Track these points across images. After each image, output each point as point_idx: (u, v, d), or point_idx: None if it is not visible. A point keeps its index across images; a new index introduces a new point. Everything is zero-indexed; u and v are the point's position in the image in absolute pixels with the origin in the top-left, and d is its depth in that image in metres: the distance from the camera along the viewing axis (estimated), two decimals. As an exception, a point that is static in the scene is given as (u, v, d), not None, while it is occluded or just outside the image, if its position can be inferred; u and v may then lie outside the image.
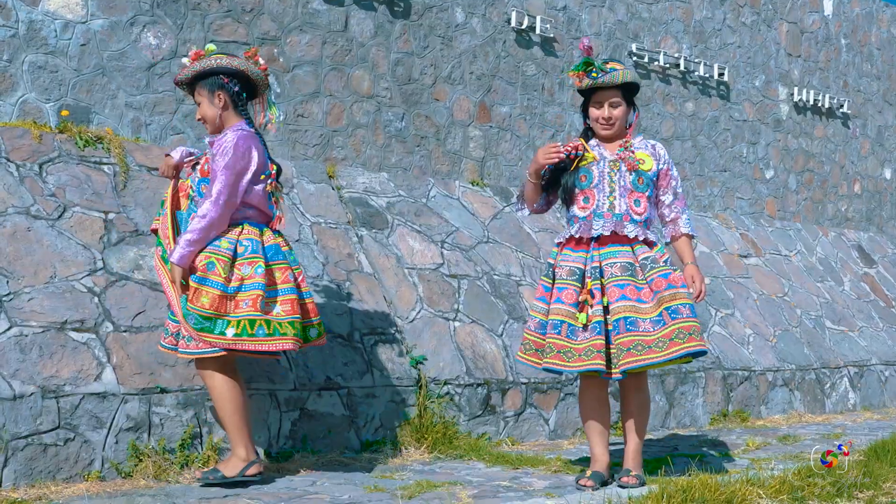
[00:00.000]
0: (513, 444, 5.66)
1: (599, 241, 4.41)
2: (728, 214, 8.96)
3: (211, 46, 4.51)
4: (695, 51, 8.78)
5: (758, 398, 7.33)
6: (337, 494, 4.14)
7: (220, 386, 4.26)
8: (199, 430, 4.60)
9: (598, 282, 4.36)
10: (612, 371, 4.34)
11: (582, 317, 4.33)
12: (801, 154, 9.83)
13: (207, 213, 4.21)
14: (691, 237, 4.60)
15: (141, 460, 4.37)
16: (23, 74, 5.26)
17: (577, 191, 4.46)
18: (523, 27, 7.44)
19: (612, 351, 4.31)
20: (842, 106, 10.17)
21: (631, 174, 4.42)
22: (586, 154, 4.47)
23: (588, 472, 4.41)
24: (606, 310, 4.34)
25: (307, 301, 4.44)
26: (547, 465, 4.95)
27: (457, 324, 5.93)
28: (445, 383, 5.55)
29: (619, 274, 4.33)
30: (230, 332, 4.15)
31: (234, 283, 4.21)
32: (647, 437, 6.20)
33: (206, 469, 4.36)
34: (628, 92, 4.50)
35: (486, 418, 5.69)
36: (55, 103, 5.35)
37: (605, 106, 4.46)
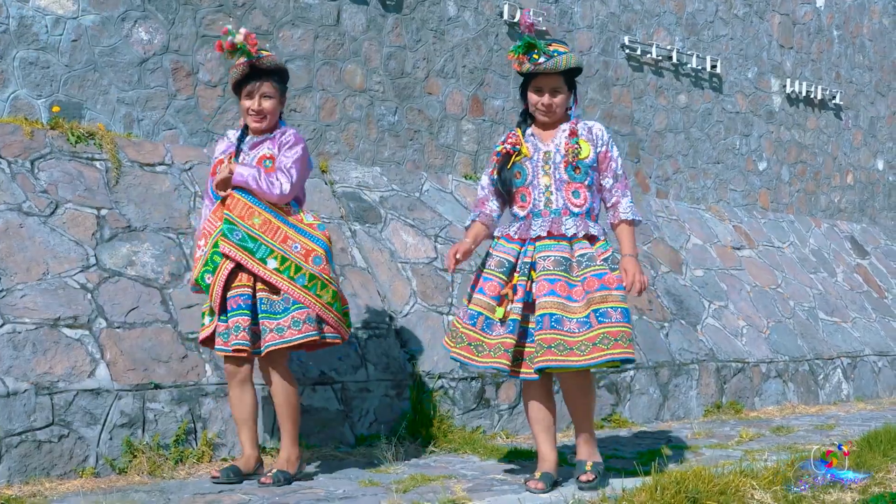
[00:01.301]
0: (507, 438, 5.67)
1: (538, 235, 4.22)
2: (721, 206, 8.98)
3: (242, 30, 4.39)
4: (687, 43, 8.79)
5: (751, 390, 7.35)
6: (332, 489, 4.15)
7: (291, 384, 4.30)
8: (193, 425, 4.60)
9: (526, 278, 4.16)
10: (522, 371, 4.14)
11: (500, 311, 4.15)
12: (793, 145, 9.85)
13: (281, 188, 4.27)
14: (632, 223, 4.30)
15: (135, 456, 4.37)
16: (14, 70, 5.24)
17: (513, 189, 4.27)
18: (515, 20, 7.44)
19: (526, 350, 4.12)
20: (834, 97, 10.19)
21: (566, 165, 4.18)
22: (521, 149, 4.25)
23: (537, 474, 4.16)
24: (530, 307, 4.14)
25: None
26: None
27: (451, 318, 5.94)
28: (440, 377, 5.56)
29: (552, 268, 4.11)
30: (271, 263, 4.19)
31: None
32: (641, 429, 6.22)
33: (269, 474, 4.20)
34: (571, 77, 4.26)
35: (480, 412, 5.70)
36: (46, 99, 5.33)
37: (546, 93, 4.21)
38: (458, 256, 4.22)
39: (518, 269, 4.19)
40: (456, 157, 7.14)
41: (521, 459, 4.93)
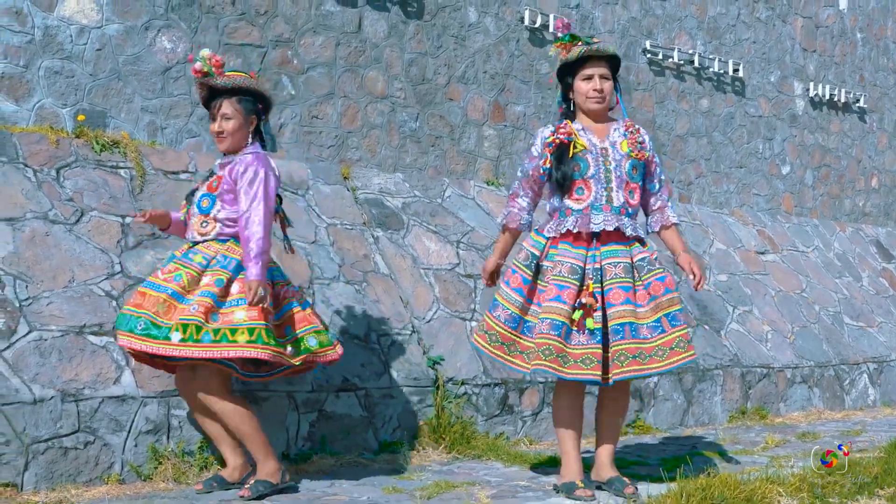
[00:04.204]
0: (531, 444, 5.66)
1: (600, 238, 4.18)
2: (745, 211, 8.93)
3: (205, 52, 4.33)
4: (709, 47, 8.75)
5: (777, 395, 7.29)
6: (355, 496, 4.15)
7: (232, 409, 4.15)
8: (217, 432, 4.61)
9: (599, 285, 4.13)
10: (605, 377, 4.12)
11: (589, 322, 4.08)
12: (817, 149, 9.78)
13: (259, 246, 4.09)
14: (678, 226, 4.44)
15: (160, 463, 4.38)
16: (39, 80, 5.29)
17: (572, 181, 4.18)
18: (536, 26, 7.43)
19: (607, 356, 4.09)
20: (858, 100, 10.11)
21: (627, 163, 4.18)
22: (576, 141, 4.19)
23: (579, 483, 4.14)
24: (604, 314, 4.12)
25: (294, 311, 4.27)
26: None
27: (473, 324, 5.93)
28: (463, 383, 5.55)
29: (623, 276, 4.12)
30: (175, 336, 3.98)
31: (189, 294, 4.11)
32: (665, 435, 6.19)
33: (247, 486, 4.11)
34: (614, 68, 4.29)
35: (503, 418, 5.69)
36: (71, 108, 5.38)
37: (596, 78, 4.20)
38: (490, 279, 4.41)
39: (591, 276, 4.15)
40: (478, 163, 7.14)
41: (545, 466, 4.92)
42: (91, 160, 5.19)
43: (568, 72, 4.28)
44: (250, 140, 4.34)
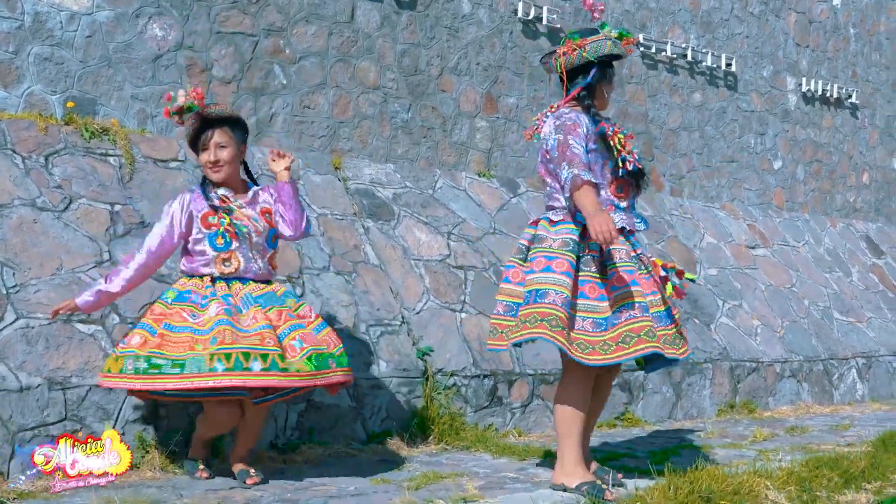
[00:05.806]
0: (519, 436, 5.66)
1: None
2: (736, 205, 8.93)
3: (182, 91, 4.34)
4: (702, 41, 8.74)
5: (765, 389, 7.31)
6: (343, 486, 4.14)
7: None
8: (205, 421, 4.60)
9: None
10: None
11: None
12: (809, 144, 9.79)
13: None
14: None
15: (147, 452, 4.37)
16: (29, 66, 5.25)
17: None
18: (530, 18, 7.41)
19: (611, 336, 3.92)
20: (850, 96, 10.12)
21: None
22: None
23: (609, 484, 4.04)
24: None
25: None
26: (553, 456, 4.94)
27: (463, 315, 5.92)
28: (452, 375, 5.55)
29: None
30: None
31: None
32: (654, 428, 6.20)
33: (251, 473, 4.16)
34: None
35: (492, 409, 5.69)
36: (61, 95, 5.34)
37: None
38: None
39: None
40: (469, 155, 7.13)
41: (534, 458, 4.92)
42: (80, 147, 5.16)
43: (607, 62, 4.18)
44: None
